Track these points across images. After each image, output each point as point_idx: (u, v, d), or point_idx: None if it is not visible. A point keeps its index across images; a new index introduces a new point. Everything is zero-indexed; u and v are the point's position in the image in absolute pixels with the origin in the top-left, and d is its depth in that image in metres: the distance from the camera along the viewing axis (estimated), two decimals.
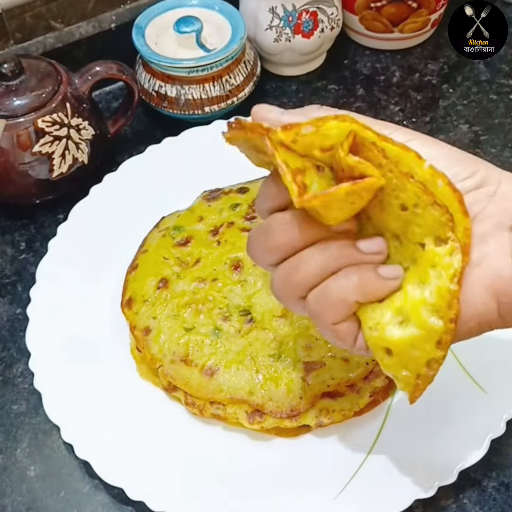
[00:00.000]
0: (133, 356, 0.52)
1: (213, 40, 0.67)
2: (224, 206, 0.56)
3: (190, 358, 0.48)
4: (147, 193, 0.61)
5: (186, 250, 0.53)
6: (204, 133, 0.64)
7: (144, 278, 0.52)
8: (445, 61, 0.75)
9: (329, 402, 0.47)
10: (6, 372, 0.54)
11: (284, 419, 0.47)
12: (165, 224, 0.56)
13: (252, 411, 0.47)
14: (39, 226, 0.63)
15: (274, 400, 0.46)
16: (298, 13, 0.68)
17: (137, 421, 0.49)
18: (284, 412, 0.46)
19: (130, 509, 0.47)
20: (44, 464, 0.50)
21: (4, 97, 0.57)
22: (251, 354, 0.47)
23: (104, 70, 0.61)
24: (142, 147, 0.64)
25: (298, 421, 0.47)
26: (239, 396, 0.47)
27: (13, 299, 0.58)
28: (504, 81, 0.73)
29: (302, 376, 0.47)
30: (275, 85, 0.74)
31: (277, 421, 0.47)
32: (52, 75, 0.59)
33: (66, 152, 0.60)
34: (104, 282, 0.55)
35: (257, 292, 0.49)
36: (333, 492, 0.45)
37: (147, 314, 0.50)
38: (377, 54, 0.76)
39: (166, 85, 0.66)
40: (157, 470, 0.46)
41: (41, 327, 0.52)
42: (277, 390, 0.47)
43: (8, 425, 0.51)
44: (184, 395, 0.49)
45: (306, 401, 0.46)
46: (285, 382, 0.47)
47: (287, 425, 0.47)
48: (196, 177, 0.61)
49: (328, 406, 0.47)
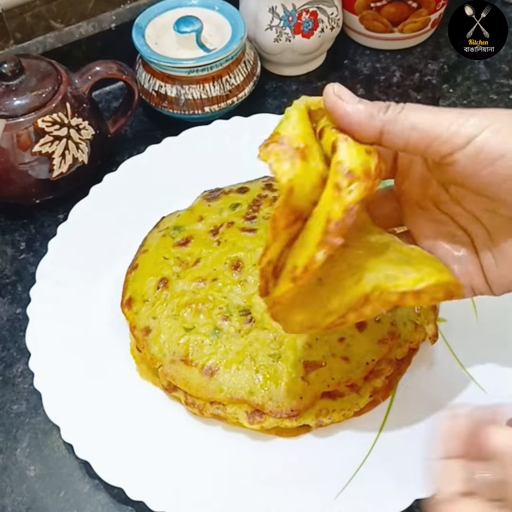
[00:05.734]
0: (133, 356, 0.52)
1: (213, 40, 0.67)
2: (224, 206, 0.56)
3: (190, 358, 0.48)
4: (147, 193, 0.61)
5: (186, 250, 0.53)
6: (204, 133, 0.64)
7: (144, 278, 0.52)
8: (445, 61, 0.75)
9: (329, 402, 0.47)
10: (6, 372, 0.54)
11: (284, 419, 0.46)
12: (165, 224, 0.56)
13: (252, 411, 0.47)
14: (39, 226, 0.63)
15: (274, 400, 0.46)
16: (298, 13, 0.68)
17: (137, 421, 0.49)
18: (284, 412, 0.46)
19: (130, 509, 0.47)
20: (44, 464, 0.50)
21: (4, 97, 0.57)
22: (251, 354, 0.47)
23: (104, 70, 0.61)
24: (142, 147, 0.64)
25: (298, 421, 0.47)
26: (239, 396, 0.47)
27: (13, 299, 0.58)
28: (504, 81, 0.73)
29: (302, 376, 0.47)
30: (275, 85, 0.74)
31: (277, 421, 0.47)
32: (52, 75, 0.59)
33: (66, 152, 0.60)
34: (104, 282, 0.55)
35: (257, 292, 0.49)
36: (333, 492, 0.45)
37: (147, 314, 0.50)
38: (377, 54, 0.76)
39: (166, 85, 0.66)
40: (157, 470, 0.46)
41: (41, 327, 0.52)
42: (277, 390, 0.46)
43: (8, 425, 0.51)
44: (184, 395, 0.48)
45: (306, 401, 0.46)
46: (285, 382, 0.47)
47: (287, 425, 0.47)
48: (196, 177, 0.61)
49: (328, 406, 0.47)
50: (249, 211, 0.54)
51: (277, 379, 0.47)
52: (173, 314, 0.50)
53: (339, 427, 0.48)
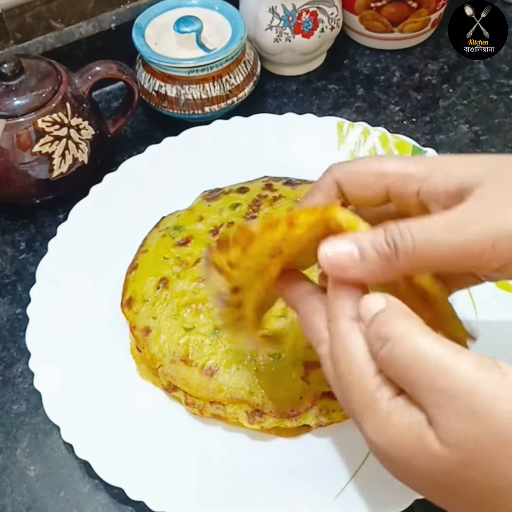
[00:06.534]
0: (133, 356, 0.52)
1: (213, 40, 0.67)
2: (224, 206, 0.56)
3: (190, 358, 0.48)
4: (147, 193, 0.61)
5: (186, 250, 0.53)
6: (204, 133, 0.64)
7: (144, 278, 0.52)
8: (445, 61, 0.75)
9: (329, 402, 0.47)
10: (6, 372, 0.54)
11: (284, 419, 0.46)
12: (165, 224, 0.56)
13: (252, 411, 0.47)
14: (39, 226, 0.63)
15: (274, 400, 0.46)
16: (298, 13, 0.68)
17: (137, 421, 0.49)
18: (284, 412, 0.46)
19: (130, 509, 0.47)
20: (44, 464, 0.50)
21: (4, 97, 0.57)
22: (251, 354, 0.47)
23: (104, 70, 0.61)
24: (142, 147, 0.64)
25: (298, 421, 0.47)
26: (239, 396, 0.47)
27: (13, 299, 0.58)
28: (504, 81, 0.73)
29: (302, 376, 0.47)
30: (275, 85, 0.74)
31: (277, 421, 0.47)
32: (52, 75, 0.59)
33: (66, 152, 0.60)
34: (104, 282, 0.55)
35: None
36: (333, 492, 0.45)
37: (147, 314, 0.50)
38: (377, 54, 0.76)
39: (166, 85, 0.66)
40: (157, 470, 0.46)
41: (41, 327, 0.52)
42: (277, 390, 0.46)
43: (8, 425, 0.51)
44: (184, 395, 0.48)
45: (306, 401, 0.46)
46: (285, 382, 0.47)
47: (287, 425, 0.47)
48: (196, 177, 0.61)
49: (328, 406, 0.47)
50: (249, 211, 0.55)
51: (277, 379, 0.47)
52: (173, 314, 0.50)
53: (339, 427, 0.48)
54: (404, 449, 0.29)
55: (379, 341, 0.30)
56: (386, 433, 0.30)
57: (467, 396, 0.27)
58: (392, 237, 0.31)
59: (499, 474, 0.28)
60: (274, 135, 0.64)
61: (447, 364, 0.28)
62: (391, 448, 0.30)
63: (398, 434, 0.30)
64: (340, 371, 0.32)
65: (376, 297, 0.31)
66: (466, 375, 0.28)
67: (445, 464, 0.28)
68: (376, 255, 0.31)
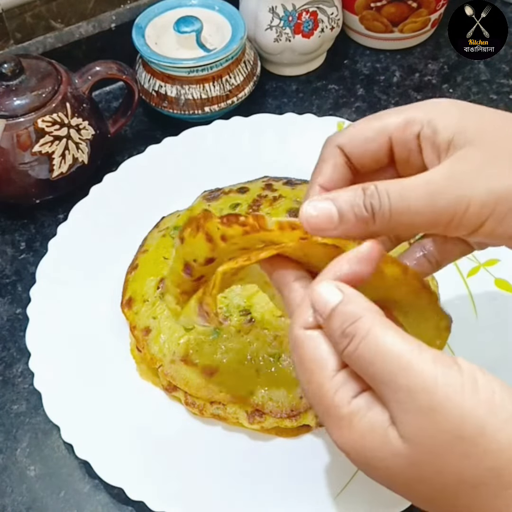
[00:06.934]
0: (133, 356, 0.52)
1: (213, 40, 0.67)
2: (224, 206, 0.56)
3: (190, 358, 0.48)
4: (147, 193, 0.61)
5: None
6: (204, 133, 0.64)
7: (144, 278, 0.52)
8: (445, 61, 0.75)
9: None
10: (6, 372, 0.54)
11: (284, 419, 0.46)
12: (165, 224, 0.56)
13: (252, 411, 0.47)
14: (39, 226, 0.63)
15: (274, 400, 0.46)
16: (298, 13, 0.68)
17: (137, 421, 0.49)
18: (284, 412, 0.46)
19: (130, 509, 0.47)
20: (44, 464, 0.50)
21: (4, 97, 0.57)
22: (251, 354, 0.47)
23: (104, 70, 0.61)
24: (142, 147, 0.64)
25: (298, 421, 0.47)
26: (239, 396, 0.47)
27: (13, 299, 0.58)
28: (504, 81, 0.73)
29: None
30: (275, 85, 0.74)
31: (277, 421, 0.47)
32: (52, 75, 0.59)
33: (66, 152, 0.60)
34: (104, 282, 0.55)
35: (257, 292, 0.49)
36: (333, 492, 0.45)
37: (147, 314, 0.50)
38: (377, 54, 0.76)
39: (166, 85, 0.66)
40: (157, 470, 0.46)
41: (41, 327, 0.52)
42: (277, 390, 0.46)
43: (8, 425, 0.51)
44: (184, 395, 0.48)
45: (306, 401, 0.46)
46: (285, 382, 0.47)
47: (287, 425, 0.47)
48: (196, 177, 0.61)
49: None
50: (249, 211, 0.54)
51: (277, 379, 0.47)
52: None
53: None
54: (370, 451, 0.30)
55: (344, 339, 0.29)
56: (350, 439, 0.30)
57: (424, 393, 0.28)
58: (370, 202, 0.32)
59: (448, 470, 0.28)
60: (274, 135, 0.64)
61: (407, 360, 0.28)
62: (358, 452, 0.30)
63: (361, 440, 0.30)
64: (302, 379, 0.32)
65: (328, 287, 0.31)
66: (425, 372, 0.28)
67: (406, 460, 0.29)
68: (354, 219, 0.32)
